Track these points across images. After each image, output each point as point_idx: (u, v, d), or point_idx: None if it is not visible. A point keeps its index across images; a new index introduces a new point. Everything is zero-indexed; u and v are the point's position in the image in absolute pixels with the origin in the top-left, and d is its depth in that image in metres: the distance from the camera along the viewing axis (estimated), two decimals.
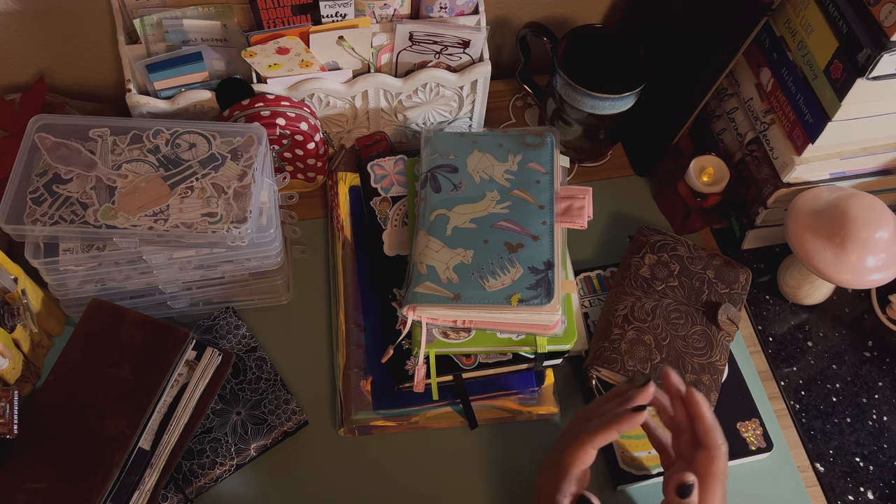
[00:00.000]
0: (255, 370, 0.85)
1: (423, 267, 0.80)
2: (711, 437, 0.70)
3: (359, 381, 0.85)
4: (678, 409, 0.74)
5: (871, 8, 0.78)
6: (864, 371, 0.95)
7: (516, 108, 1.12)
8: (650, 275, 0.90)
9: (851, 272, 0.86)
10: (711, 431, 0.70)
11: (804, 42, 0.87)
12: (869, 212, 0.85)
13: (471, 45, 0.91)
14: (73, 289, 0.82)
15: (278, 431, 0.83)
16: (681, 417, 0.74)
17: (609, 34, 0.99)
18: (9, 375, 0.79)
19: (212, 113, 0.89)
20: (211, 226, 0.77)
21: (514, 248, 0.81)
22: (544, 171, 0.87)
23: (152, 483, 0.77)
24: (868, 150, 0.92)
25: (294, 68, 0.88)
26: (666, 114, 0.99)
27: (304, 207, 0.98)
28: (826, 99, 0.85)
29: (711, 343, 0.86)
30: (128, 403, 0.76)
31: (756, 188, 0.96)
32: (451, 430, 0.86)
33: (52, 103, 0.96)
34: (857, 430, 0.91)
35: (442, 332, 0.81)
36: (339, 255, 0.92)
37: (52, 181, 0.78)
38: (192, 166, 0.80)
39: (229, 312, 0.89)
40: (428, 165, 0.88)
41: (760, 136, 0.96)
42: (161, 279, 0.84)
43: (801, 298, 0.98)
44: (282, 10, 0.84)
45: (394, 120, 0.99)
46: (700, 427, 0.71)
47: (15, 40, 0.95)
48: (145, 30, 0.86)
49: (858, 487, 0.87)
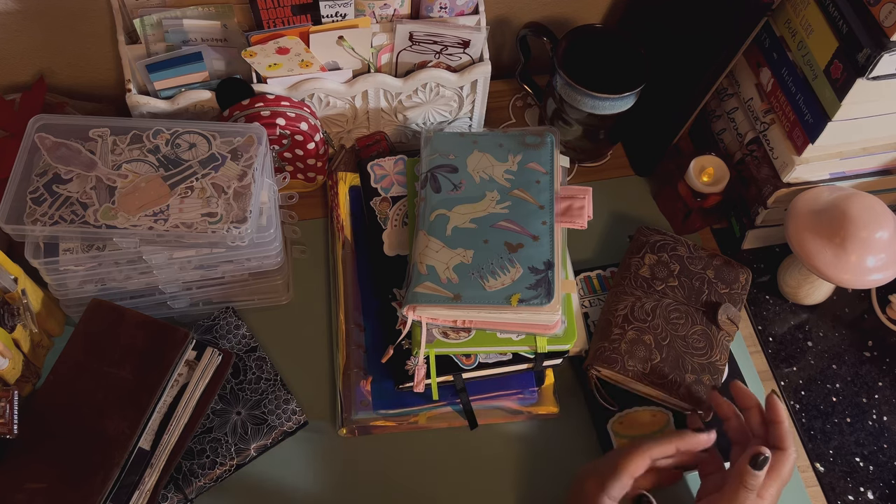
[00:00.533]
0: (255, 370, 0.85)
1: (423, 267, 0.80)
2: (788, 440, 0.75)
3: (359, 381, 0.85)
4: (752, 417, 0.78)
5: (871, 8, 0.78)
6: (864, 371, 0.95)
7: (516, 108, 1.12)
8: (650, 275, 0.90)
9: (851, 272, 0.86)
10: (788, 436, 0.75)
11: (804, 42, 0.87)
12: (869, 212, 0.85)
13: (471, 45, 0.91)
14: (73, 289, 0.82)
15: (278, 431, 0.83)
16: (755, 423, 0.78)
17: (609, 34, 0.99)
18: (9, 375, 0.79)
19: (212, 113, 0.89)
20: (211, 226, 0.77)
21: (514, 248, 0.81)
22: (544, 171, 0.87)
23: (152, 483, 0.77)
24: (868, 150, 0.92)
25: (294, 68, 0.88)
26: (666, 114, 0.99)
27: (304, 207, 0.98)
28: (826, 99, 0.85)
29: (711, 343, 0.86)
30: (128, 403, 0.76)
31: (756, 188, 0.96)
32: (451, 430, 0.86)
33: (52, 103, 0.96)
34: (857, 430, 0.91)
35: (442, 332, 0.81)
36: (339, 255, 0.92)
37: (52, 181, 0.78)
38: (192, 166, 0.80)
39: (229, 312, 0.89)
40: (428, 165, 0.88)
41: (760, 136, 0.96)
42: (161, 279, 0.84)
43: (801, 298, 0.98)
44: (282, 10, 0.84)
45: (394, 120, 0.99)
46: (779, 431, 0.75)
47: (15, 40, 0.95)
48: (145, 30, 0.86)
49: (858, 487, 0.87)
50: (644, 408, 0.87)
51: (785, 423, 0.76)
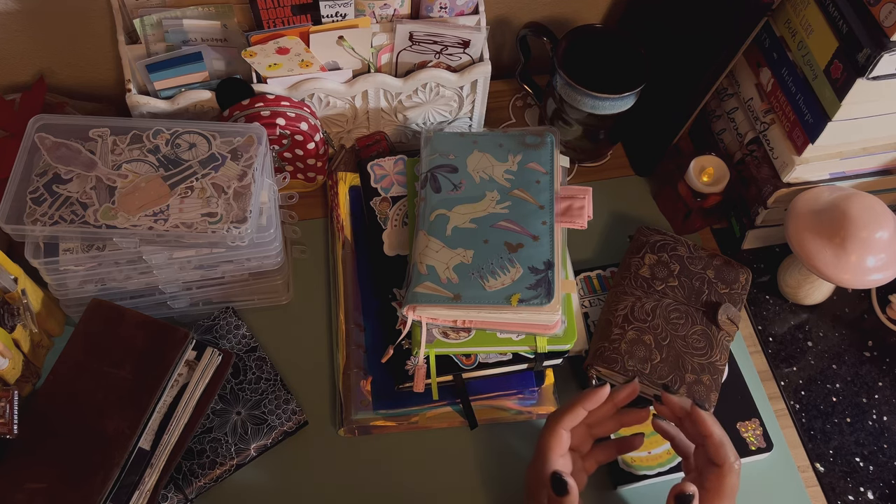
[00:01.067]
0: (255, 370, 0.85)
1: (423, 267, 0.80)
2: (721, 454, 0.71)
3: (359, 381, 0.85)
4: (687, 428, 0.75)
5: (871, 8, 0.78)
6: (864, 371, 0.95)
7: (516, 108, 1.12)
8: (650, 275, 0.90)
9: (851, 272, 0.86)
10: (721, 449, 0.71)
11: (804, 42, 0.87)
12: (869, 212, 0.85)
13: (471, 45, 0.91)
14: (73, 289, 0.82)
15: (278, 431, 0.83)
16: (691, 434, 0.75)
17: (609, 34, 0.99)
18: (9, 375, 0.79)
19: (212, 113, 0.89)
20: (211, 226, 0.77)
21: (514, 248, 0.81)
22: (544, 171, 0.87)
23: (152, 483, 0.77)
24: (868, 150, 0.92)
25: (294, 68, 0.88)
26: (666, 114, 0.99)
27: (304, 207, 0.98)
28: (826, 99, 0.85)
29: (711, 343, 0.86)
30: (128, 403, 0.76)
31: (756, 188, 0.96)
32: (451, 430, 0.86)
33: (52, 103, 0.96)
34: (857, 430, 0.91)
35: (442, 332, 0.81)
36: (339, 255, 0.92)
37: (52, 181, 0.78)
38: (192, 166, 0.80)
39: (229, 312, 0.89)
40: (428, 165, 0.88)
41: (760, 136, 0.96)
42: (161, 279, 0.84)
43: (801, 298, 0.98)
44: (282, 10, 0.84)
45: (394, 120, 0.99)
46: (709, 446, 0.71)
47: (15, 40, 0.95)
48: (145, 30, 0.86)
49: (858, 487, 0.87)
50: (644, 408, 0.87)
51: (715, 436, 0.71)
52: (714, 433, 0.71)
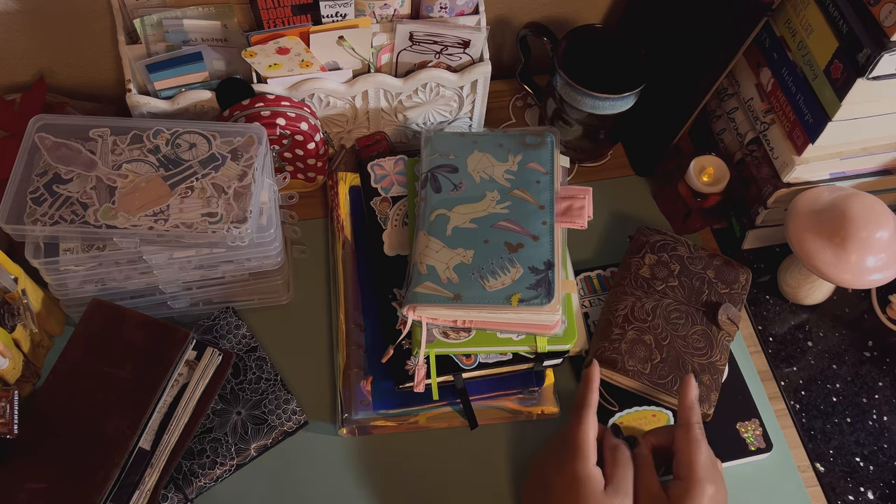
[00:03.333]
0: (255, 370, 0.85)
1: (423, 267, 0.80)
2: (686, 468, 0.72)
3: (359, 381, 0.85)
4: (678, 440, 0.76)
5: (871, 8, 0.78)
6: (864, 371, 0.95)
7: (516, 108, 1.12)
8: (650, 275, 0.90)
9: (851, 272, 0.86)
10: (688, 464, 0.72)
11: (804, 42, 0.87)
12: (869, 212, 0.85)
13: (471, 45, 0.91)
14: (73, 289, 0.82)
15: (278, 431, 0.83)
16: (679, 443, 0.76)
17: (609, 34, 0.99)
18: (9, 375, 0.79)
19: (212, 113, 0.89)
20: (211, 226, 0.77)
21: (515, 248, 0.81)
22: (544, 171, 0.87)
23: (152, 483, 0.77)
24: (868, 150, 0.92)
25: (294, 68, 0.88)
26: (666, 114, 0.99)
27: (304, 207, 0.98)
28: (826, 99, 0.85)
29: (711, 343, 0.87)
30: (128, 403, 0.76)
31: (756, 188, 0.96)
32: (451, 430, 0.86)
33: (52, 103, 0.96)
34: (857, 430, 0.91)
35: (442, 332, 0.81)
36: (339, 255, 0.92)
37: (52, 181, 0.78)
38: (192, 166, 0.80)
39: (229, 312, 0.89)
40: (428, 165, 0.88)
41: (760, 136, 0.96)
42: (161, 279, 0.84)
43: (801, 298, 0.98)
44: (282, 10, 0.85)
45: (394, 120, 0.99)
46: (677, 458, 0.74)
47: (15, 40, 0.95)
48: (145, 30, 0.86)
49: (858, 487, 0.87)
50: (644, 408, 0.87)
51: (681, 452, 0.73)
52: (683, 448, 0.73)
